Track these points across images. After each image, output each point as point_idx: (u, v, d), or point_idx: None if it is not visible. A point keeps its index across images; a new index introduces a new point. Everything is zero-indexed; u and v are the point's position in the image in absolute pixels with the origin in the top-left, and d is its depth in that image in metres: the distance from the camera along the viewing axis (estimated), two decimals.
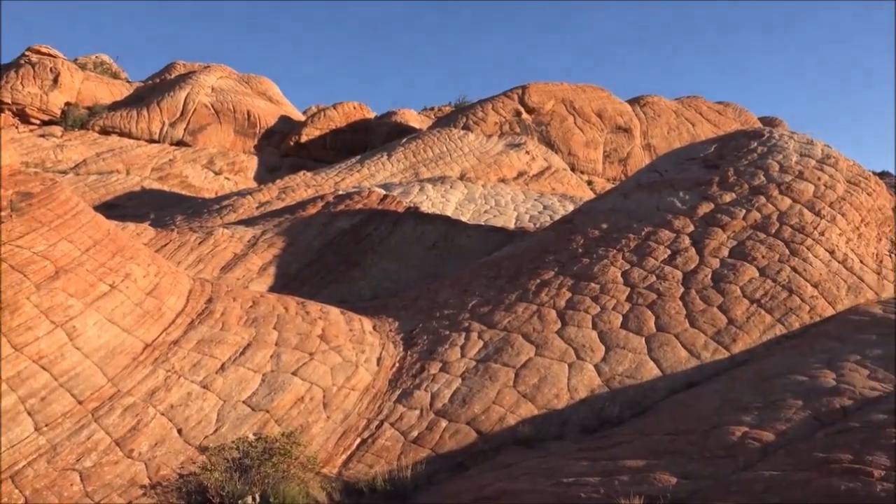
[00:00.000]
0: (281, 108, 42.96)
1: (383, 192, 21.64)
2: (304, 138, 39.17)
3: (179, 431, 7.75)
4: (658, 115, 45.13)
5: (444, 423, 8.79)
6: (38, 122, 34.07)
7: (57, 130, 33.57)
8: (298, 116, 44.33)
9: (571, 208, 21.52)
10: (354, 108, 42.87)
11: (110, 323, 8.42)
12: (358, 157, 32.71)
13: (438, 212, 21.98)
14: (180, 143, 36.06)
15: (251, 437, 7.82)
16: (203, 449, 7.59)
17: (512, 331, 10.71)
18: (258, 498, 6.87)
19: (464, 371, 9.82)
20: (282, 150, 39.08)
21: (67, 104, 35.26)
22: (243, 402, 8.42)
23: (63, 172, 29.97)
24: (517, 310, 11.29)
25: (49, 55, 36.20)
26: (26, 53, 35.94)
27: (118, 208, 27.41)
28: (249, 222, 20.12)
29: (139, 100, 38.54)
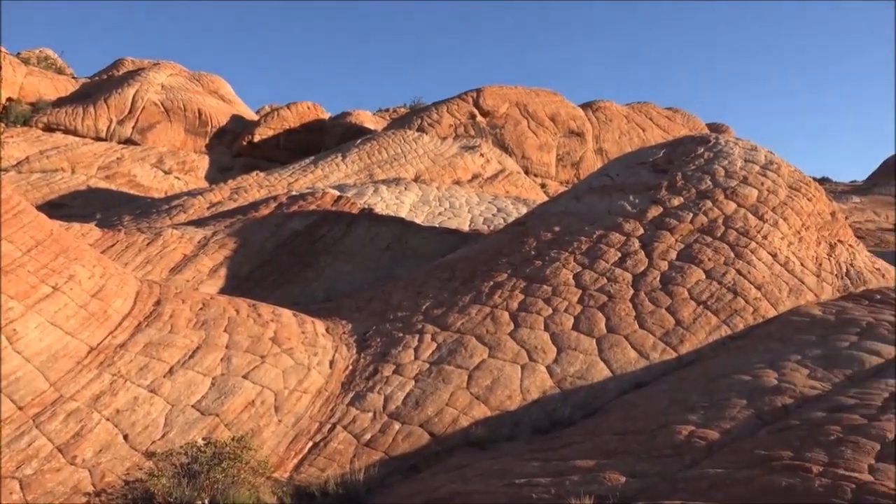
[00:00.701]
0: (233, 107, 42.31)
1: (337, 194, 21.50)
2: (258, 138, 38.70)
3: (125, 437, 7.56)
4: (610, 120, 45.98)
5: (398, 426, 8.78)
6: None
7: None
8: (251, 116, 43.74)
9: (525, 211, 21.72)
10: (308, 109, 42.53)
11: (53, 326, 8.17)
12: (312, 158, 32.48)
13: (393, 213, 21.95)
14: (128, 142, 35.21)
15: (200, 442, 7.67)
16: (150, 454, 7.42)
17: (465, 333, 10.75)
18: (207, 503, 6.76)
19: (417, 373, 9.82)
20: (234, 150, 38.50)
21: (9, 100, 34.12)
22: (192, 407, 8.27)
23: (4, 170, 28.96)
24: (471, 312, 11.35)
25: None
26: None
27: (63, 208, 26.63)
28: (200, 223, 19.75)
29: (85, 96, 37.50)
